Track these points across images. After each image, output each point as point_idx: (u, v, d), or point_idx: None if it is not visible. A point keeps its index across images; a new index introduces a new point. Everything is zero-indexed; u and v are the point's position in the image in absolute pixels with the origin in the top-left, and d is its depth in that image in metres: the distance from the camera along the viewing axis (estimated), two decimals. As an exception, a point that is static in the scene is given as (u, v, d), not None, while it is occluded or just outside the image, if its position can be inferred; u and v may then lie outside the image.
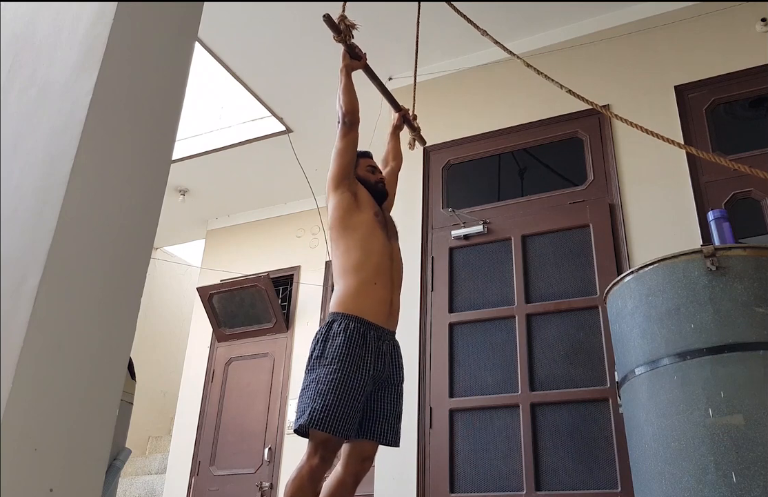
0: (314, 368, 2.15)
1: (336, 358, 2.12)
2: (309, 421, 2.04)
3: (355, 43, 2.44)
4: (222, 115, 5.09)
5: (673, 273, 2.31)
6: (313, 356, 2.18)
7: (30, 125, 1.26)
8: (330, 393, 2.06)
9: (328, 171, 2.43)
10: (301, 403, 2.13)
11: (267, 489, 4.99)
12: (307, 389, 2.14)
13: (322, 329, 2.22)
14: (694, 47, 3.61)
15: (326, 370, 2.11)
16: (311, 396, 2.09)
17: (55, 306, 1.08)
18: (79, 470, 1.08)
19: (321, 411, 2.04)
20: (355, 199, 2.37)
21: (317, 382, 2.10)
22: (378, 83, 2.69)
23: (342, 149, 2.39)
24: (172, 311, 7.24)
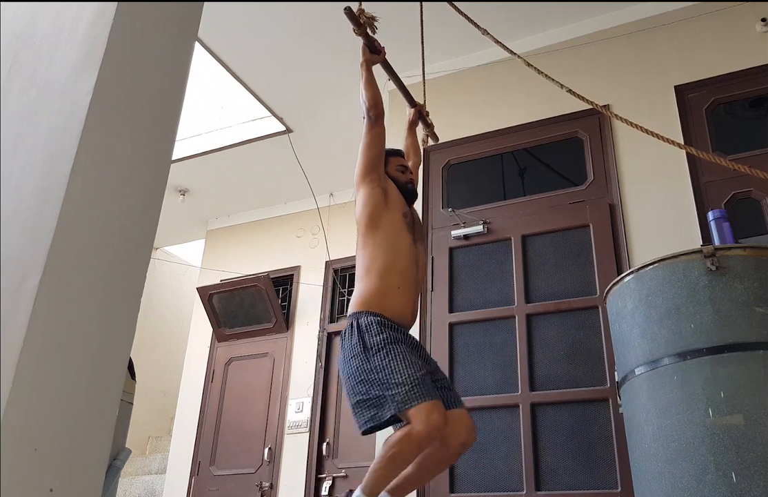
0: (363, 362, 2.07)
1: (381, 342, 2.07)
2: (398, 407, 1.96)
3: (374, 38, 2.44)
4: (222, 115, 5.09)
5: (673, 273, 2.31)
6: (356, 353, 2.10)
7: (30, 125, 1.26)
8: (396, 370, 2.01)
9: (356, 167, 2.41)
10: (367, 403, 2.04)
11: (267, 489, 4.99)
12: (366, 385, 2.04)
13: (349, 330, 2.18)
14: (694, 47, 3.61)
15: (379, 356, 2.05)
16: (381, 386, 2.01)
17: (55, 306, 1.08)
18: (79, 470, 1.08)
19: (403, 387, 1.98)
20: (385, 196, 2.35)
21: (376, 371, 2.03)
22: (395, 78, 2.69)
23: (368, 144, 2.38)
24: (172, 311, 7.24)
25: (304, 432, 5.06)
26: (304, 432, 5.07)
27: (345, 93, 4.45)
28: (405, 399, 1.97)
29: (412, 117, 2.91)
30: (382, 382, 2.02)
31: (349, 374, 2.13)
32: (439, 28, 3.70)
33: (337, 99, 4.61)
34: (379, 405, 2.02)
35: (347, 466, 4.82)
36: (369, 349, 2.08)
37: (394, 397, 1.98)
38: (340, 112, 4.70)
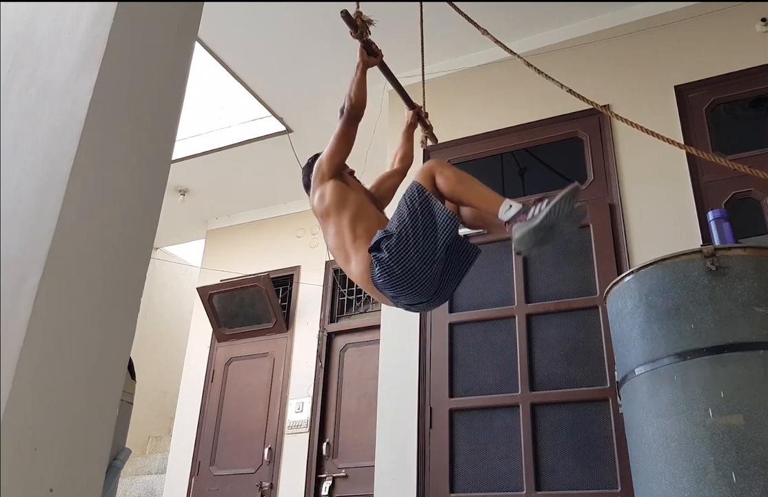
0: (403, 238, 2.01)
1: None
2: (423, 190, 2.00)
3: (371, 40, 2.43)
4: (222, 115, 5.09)
5: (673, 273, 2.31)
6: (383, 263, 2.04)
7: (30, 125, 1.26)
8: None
9: (320, 162, 2.39)
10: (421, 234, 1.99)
11: (267, 489, 4.99)
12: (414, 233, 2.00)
13: (376, 259, 2.10)
14: (694, 47, 3.61)
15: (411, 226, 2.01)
16: (416, 217, 1.99)
17: (55, 306, 1.08)
18: (79, 470, 1.08)
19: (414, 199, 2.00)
20: (347, 183, 2.37)
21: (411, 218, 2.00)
22: (393, 80, 2.69)
23: (343, 144, 2.37)
24: (172, 311, 7.24)
25: (304, 432, 5.06)
26: (304, 432, 5.07)
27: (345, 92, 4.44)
28: (420, 190, 2.03)
29: (410, 120, 2.90)
30: (414, 213, 2.01)
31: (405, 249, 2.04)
32: (439, 28, 3.70)
33: (337, 99, 4.52)
34: (426, 212, 2.01)
35: (347, 466, 4.82)
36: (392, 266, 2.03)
37: (418, 190, 2.03)
38: (340, 112, 4.69)
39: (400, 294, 2.05)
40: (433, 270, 1.99)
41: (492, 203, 2.02)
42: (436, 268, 2.00)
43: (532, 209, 1.89)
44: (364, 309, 5.36)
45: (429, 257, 1.97)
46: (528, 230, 1.85)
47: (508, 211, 1.95)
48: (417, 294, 2.04)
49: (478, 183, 2.09)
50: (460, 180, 2.09)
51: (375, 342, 4.39)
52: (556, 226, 1.87)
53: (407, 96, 2.85)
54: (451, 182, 2.07)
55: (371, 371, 4.63)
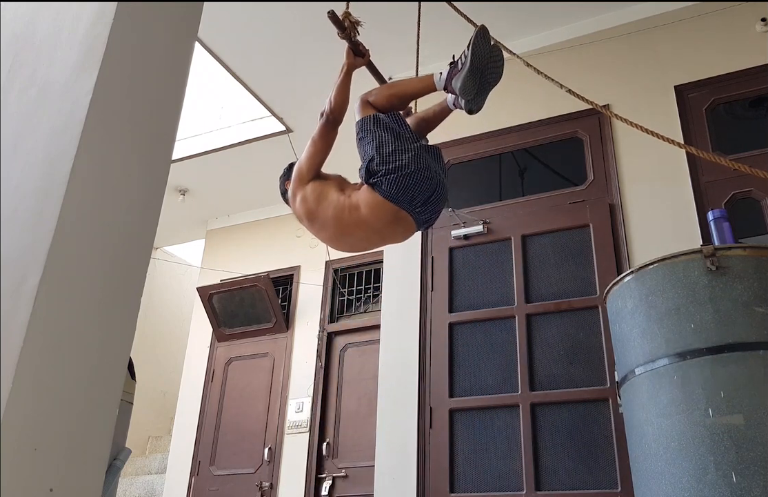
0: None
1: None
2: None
3: (359, 41, 2.43)
4: (222, 115, 5.09)
5: (673, 273, 2.31)
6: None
7: (30, 125, 1.26)
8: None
9: (299, 167, 2.37)
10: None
11: (267, 489, 4.99)
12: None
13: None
14: (694, 47, 3.61)
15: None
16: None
17: (55, 306, 1.08)
18: (79, 470, 1.08)
19: None
20: (320, 178, 2.35)
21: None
22: (381, 80, 2.68)
23: (321, 149, 2.33)
24: (172, 311, 7.24)
25: (304, 432, 5.06)
26: (304, 432, 5.07)
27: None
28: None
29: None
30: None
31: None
32: (438, 28, 3.70)
33: (337, 99, 4.60)
34: None
35: (347, 466, 4.82)
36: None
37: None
38: (340, 112, 4.69)
39: (414, 189, 2.11)
40: (421, 156, 2.12)
41: (425, 82, 2.24)
42: (421, 152, 2.13)
43: (458, 60, 2.11)
44: (364, 309, 5.36)
45: (409, 146, 2.12)
46: (464, 76, 2.06)
47: (441, 78, 2.16)
48: (425, 181, 2.12)
49: (403, 79, 2.33)
50: (388, 86, 2.34)
51: (375, 342, 4.39)
52: (487, 68, 2.10)
53: None
54: (382, 92, 2.29)
55: (371, 371, 4.63)
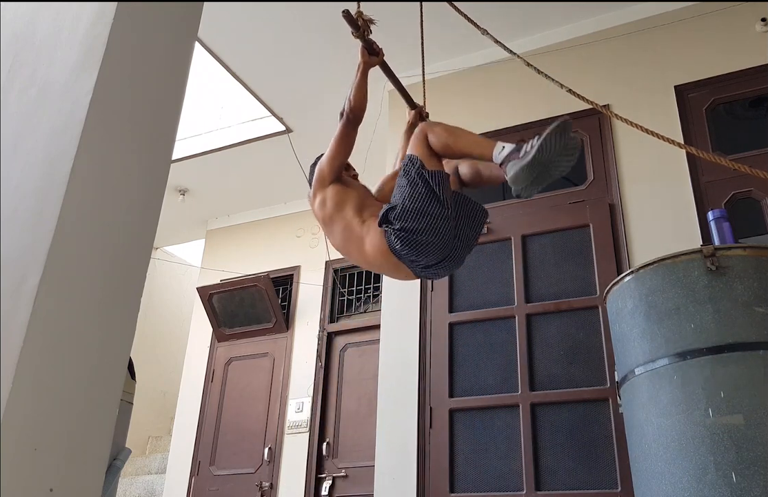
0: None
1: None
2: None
3: (373, 40, 2.43)
4: (222, 115, 5.09)
5: (673, 273, 2.31)
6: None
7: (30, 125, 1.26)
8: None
9: (320, 167, 2.40)
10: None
11: (267, 488, 4.99)
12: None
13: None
14: (694, 47, 3.61)
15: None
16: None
17: (55, 306, 1.08)
18: (79, 470, 1.08)
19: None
20: (345, 185, 2.38)
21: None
22: (394, 80, 2.69)
23: (342, 148, 2.38)
24: (172, 311, 7.24)
25: (304, 432, 5.06)
26: (304, 432, 5.07)
27: (345, 92, 4.43)
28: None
29: (412, 119, 2.91)
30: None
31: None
32: (439, 28, 3.70)
33: (337, 98, 4.55)
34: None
35: (347, 466, 4.82)
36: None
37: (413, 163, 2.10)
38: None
39: (420, 254, 2.06)
40: (444, 224, 2.01)
41: (485, 147, 2.05)
42: (447, 222, 2.02)
43: (525, 145, 1.89)
44: (364, 309, 5.36)
45: (435, 211, 2.00)
46: (522, 167, 1.86)
47: (501, 152, 1.96)
48: (434, 251, 2.05)
49: (469, 132, 2.14)
50: (450, 132, 2.15)
51: (375, 342, 4.39)
52: (552, 162, 1.86)
53: (408, 96, 2.85)
54: (442, 136, 2.12)
55: (371, 371, 4.63)
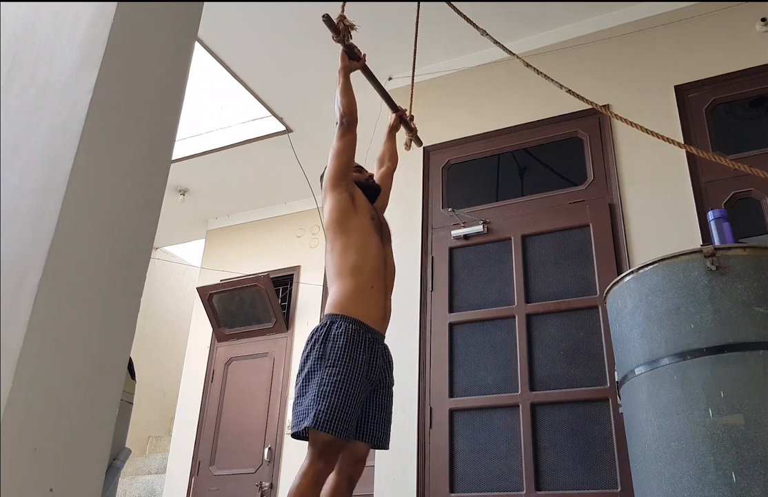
0: (314, 369, 2.10)
1: (338, 359, 2.09)
2: (314, 423, 2.00)
3: (353, 44, 2.44)
4: (222, 115, 5.09)
5: (673, 273, 2.31)
6: (312, 357, 2.13)
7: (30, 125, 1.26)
8: (333, 394, 2.04)
9: (325, 172, 2.43)
10: (301, 407, 2.08)
11: (267, 488, 4.99)
12: (306, 392, 2.09)
13: (320, 331, 2.18)
14: (694, 47, 3.61)
15: (329, 372, 2.08)
16: (314, 399, 2.04)
17: (55, 306, 1.08)
18: (79, 470, 1.08)
19: (326, 412, 2.01)
20: (353, 201, 2.37)
21: (320, 384, 2.06)
22: (376, 84, 2.69)
23: (340, 150, 2.39)
24: (172, 311, 7.24)
25: (304, 432, 5.06)
26: (304, 432, 5.06)
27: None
28: (321, 421, 2.01)
29: (393, 122, 2.94)
30: (319, 395, 2.05)
31: (304, 372, 2.15)
32: (438, 28, 3.70)
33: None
34: (305, 414, 2.06)
35: (347, 466, 4.82)
36: (326, 358, 2.11)
37: (317, 414, 2.02)
38: (340, 112, 4.69)
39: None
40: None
41: None
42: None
43: None
44: (364, 309, 5.36)
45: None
46: None
47: None
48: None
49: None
50: None
51: (375, 342, 4.39)
52: None
53: (390, 99, 2.88)
54: None
55: (371, 371, 4.62)
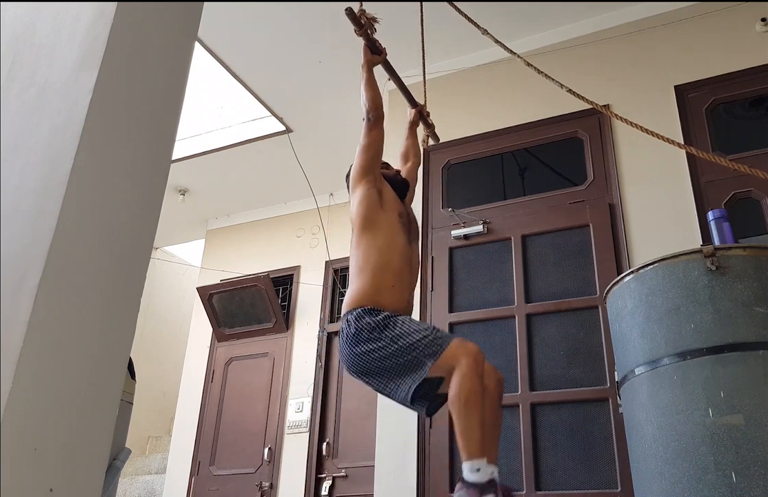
0: (378, 342, 2.03)
1: (384, 318, 2.06)
2: (434, 355, 1.94)
3: (375, 38, 2.44)
4: (222, 115, 5.09)
5: (673, 273, 2.31)
6: (366, 338, 2.06)
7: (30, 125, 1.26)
8: (414, 330, 2.02)
9: (353, 167, 2.40)
10: (401, 373, 2.00)
11: (267, 488, 4.99)
12: (392, 358, 2.01)
13: (348, 324, 2.12)
14: (694, 47, 3.61)
15: (389, 330, 2.04)
16: (407, 350, 1.98)
17: (55, 306, 1.08)
18: (79, 470, 1.08)
19: (427, 339, 1.98)
20: (380, 197, 2.33)
21: (395, 340, 2.01)
22: (396, 78, 2.69)
23: (367, 145, 2.37)
24: (172, 311, 7.24)
25: (304, 432, 5.06)
26: (304, 432, 5.07)
27: (345, 93, 4.45)
28: (436, 345, 1.97)
29: (413, 117, 2.91)
30: (407, 347, 2.00)
31: (368, 362, 2.08)
32: (439, 28, 3.70)
33: (337, 99, 4.61)
34: (414, 366, 1.99)
35: (347, 466, 4.82)
36: (378, 328, 2.06)
37: (426, 350, 1.97)
38: (340, 111, 4.70)
39: (356, 365, 2.11)
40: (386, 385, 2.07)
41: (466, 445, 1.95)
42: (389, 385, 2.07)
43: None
44: (364, 309, 5.35)
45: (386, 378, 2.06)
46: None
47: (469, 475, 1.93)
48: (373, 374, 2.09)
49: (477, 419, 1.94)
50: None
51: (375, 342, 4.39)
52: None
53: (410, 94, 2.86)
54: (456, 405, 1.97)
55: (371, 371, 4.62)
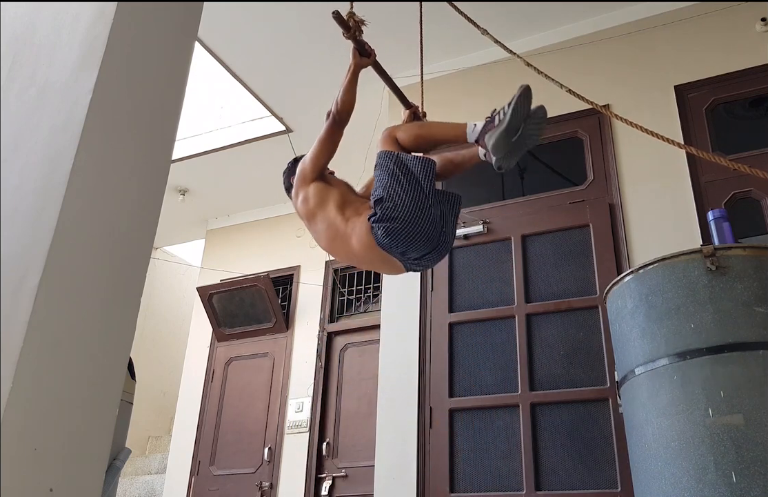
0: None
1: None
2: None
3: (364, 41, 2.43)
4: (222, 115, 5.09)
5: (673, 273, 2.31)
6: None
7: (30, 125, 1.26)
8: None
9: (303, 166, 2.40)
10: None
11: (267, 488, 4.99)
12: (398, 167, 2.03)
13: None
14: (694, 47, 3.61)
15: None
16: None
17: (55, 306, 1.08)
18: (79, 470, 1.08)
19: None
20: (327, 182, 2.38)
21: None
22: (387, 80, 2.68)
23: (327, 147, 2.38)
24: (172, 311, 7.24)
25: (304, 432, 5.06)
26: (304, 432, 5.07)
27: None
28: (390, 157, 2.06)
29: (406, 119, 2.91)
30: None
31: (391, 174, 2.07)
32: (438, 27, 3.70)
33: (337, 99, 4.61)
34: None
35: (347, 466, 4.82)
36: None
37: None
38: (340, 112, 4.69)
39: (407, 247, 2.05)
40: (430, 214, 2.02)
41: (457, 129, 2.11)
42: (432, 212, 2.02)
43: (496, 117, 2.00)
44: (364, 309, 5.36)
45: (421, 203, 2.00)
46: (500, 133, 1.95)
47: (474, 129, 2.05)
48: (421, 242, 2.05)
49: (437, 122, 2.19)
50: (419, 126, 2.23)
51: (375, 342, 4.39)
52: (524, 130, 1.96)
53: (403, 96, 2.86)
54: (411, 131, 2.18)
55: (371, 371, 4.63)
